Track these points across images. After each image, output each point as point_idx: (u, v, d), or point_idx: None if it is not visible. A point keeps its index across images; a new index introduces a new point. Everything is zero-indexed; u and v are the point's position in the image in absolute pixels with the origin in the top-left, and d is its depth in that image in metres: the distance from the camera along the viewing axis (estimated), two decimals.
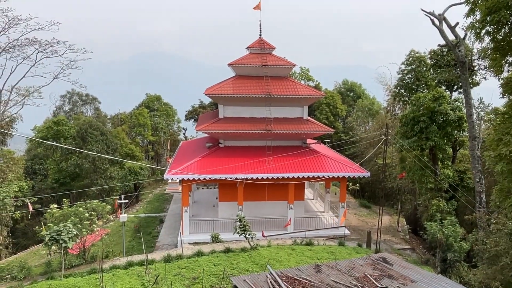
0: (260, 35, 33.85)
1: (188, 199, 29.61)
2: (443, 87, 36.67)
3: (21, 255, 33.66)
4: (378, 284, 15.18)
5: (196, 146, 36.36)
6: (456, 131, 31.86)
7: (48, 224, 24.09)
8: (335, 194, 41.89)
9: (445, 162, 33.58)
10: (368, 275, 16.02)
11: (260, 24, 33.81)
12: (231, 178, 28.04)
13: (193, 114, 64.82)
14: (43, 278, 22.57)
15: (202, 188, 42.45)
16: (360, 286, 14.98)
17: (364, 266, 17.07)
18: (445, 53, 36.20)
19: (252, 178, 28.13)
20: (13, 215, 34.82)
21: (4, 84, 40.11)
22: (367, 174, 30.31)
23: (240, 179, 28.14)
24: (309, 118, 32.84)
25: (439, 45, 33.51)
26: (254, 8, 33.01)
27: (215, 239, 27.61)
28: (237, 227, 25.18)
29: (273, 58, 32.68)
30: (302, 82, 61.49)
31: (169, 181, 44.20)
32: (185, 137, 68.23)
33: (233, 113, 31.09)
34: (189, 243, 27.75)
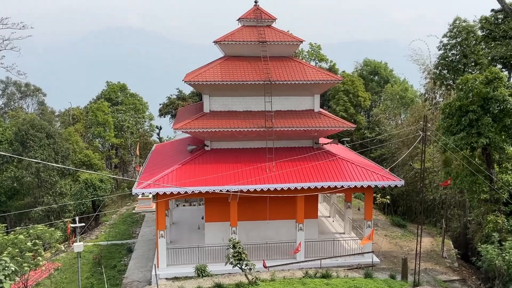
0: (255, 2, 33.82)
1: (165, 220, 29.45)
2: (499, 66, 36.66)
3: None
4: None
5: (175, 149, 36.26)
6: None
7: None
8: (359, 209, 41.80)
9: (504, 165, 33.51)
10: None
11: None
12: (221, 191, 27.93)
13: (169, 108, 64.80)
14: None
15: (183, 205, 42.33)
16: None
17: None
18: (500, 21, 36.21)
19: (248, 190, 28.03)
20: None
21: None
22: (400, 182, 30.23)
23: (233, 191, 28.04)
24: (322, 110, 32.79)
25: (492, 10, 33.55)
26: None
27: (201, 272, 27.50)
28: (230, 256, 25.08)
29: (273, 32, 32.66)
30: (312, 63, 61.57)
31: (139, 196, 44.01)
32: (160, 139, 68.15)
33: (222, 105, 31.07)
34: (166, 279, 27.62)
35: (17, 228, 28.04)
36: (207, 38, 34.56)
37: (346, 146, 41.59)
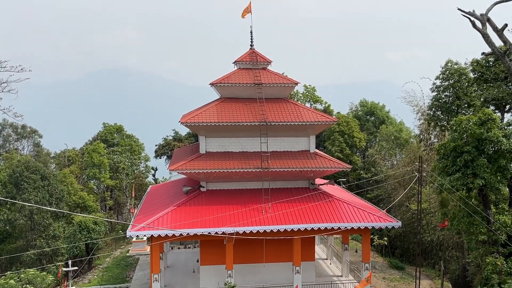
0: (251, 45, 34.44)
1: (159, 264, 29.14)
2: (492, 107, 37.13)
3: None
4: None
5: (170, 191, 36.10)
6: None
7: None
8: (356, 251, 41.37)
9: (500, 206, 33.42)
10: None
11: (251, 32, 34.45)
12: (216, 233, 27.66)
13: (165, 150, 64.90)
14: None
15: (178, 248, 41.82)
16: None
17: None
18: (491, 63, 36.89)
19: (244, 232, 27.78)
20: None
21: None
22: (397, 223, 30.06)
23: (229, 234, 27.77)
24: (317, 151, 32.91)
25: (483, 53, 34.14)
26: (243, 15, 33.57)
27: None
28: None
29: (268, 75, 33.12)
30: (307, 104, 62.20)
31: (134, 239, 43.50)
32: (155, 180, 67.83)
33: (218, 146, 31.14)
34: None
35: (8, 272, 27.59)
36: (203, 79, 35.00)
37: (343, 186, 41.51)
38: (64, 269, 29.30)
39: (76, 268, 31.59)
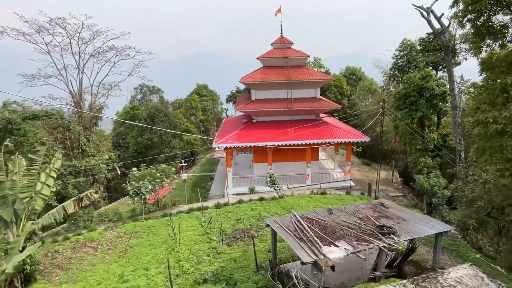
0: (281, 33, 32.87)
1: (231, 162, 30.06)
2: (430, 68, 34.55)
3: (114, 204, 35.52)
4: (377, 222, 15.09)
5: (235, 122, 36.54)
6: (440, 103, 30.25)
7: (131, 182, 25.24)
8: (343, 155, 41.33)
9: (431, 128, 32.17)
10: (369, 216, 15.92)
11: (281, 25, 32.79)
12: (262, 145, 28.20)
13: (232, 98, 64.86)
14: (130, 220, 23.96)
15: (241, 153, 42.87)
16: (363, 224, 14.96)
17: (366, 209, 16.93)
18: (432, 39, 33.86)
19: (278, 144, 28.15)
20: (107, 176, 36.72)
21: (93, 81, 41.49)
22: (367, 139, 29.59)
23: (269, 145, 28.24)
24: (321, 97, 32.11)
25: (427, 33, 31.36)
26: (276, 13, 31.81)
27: (252, 191, 28.16)
28: (268, 182, 25.57)
29: (292, 51, 31.80)
30: (315, 69, 59.62)
31: (216, 149, 44.60)
32: (227, 116, 68.57)
33: (262, 95, 30.87)
34: (233, 194, 28.37)
35: (151, 166, 29.28)
36: (254, 56, 34.02)
37: (336, 118, 40.69)
38: (180, 165, 30.82)
39: (186, 164, 33.04)
